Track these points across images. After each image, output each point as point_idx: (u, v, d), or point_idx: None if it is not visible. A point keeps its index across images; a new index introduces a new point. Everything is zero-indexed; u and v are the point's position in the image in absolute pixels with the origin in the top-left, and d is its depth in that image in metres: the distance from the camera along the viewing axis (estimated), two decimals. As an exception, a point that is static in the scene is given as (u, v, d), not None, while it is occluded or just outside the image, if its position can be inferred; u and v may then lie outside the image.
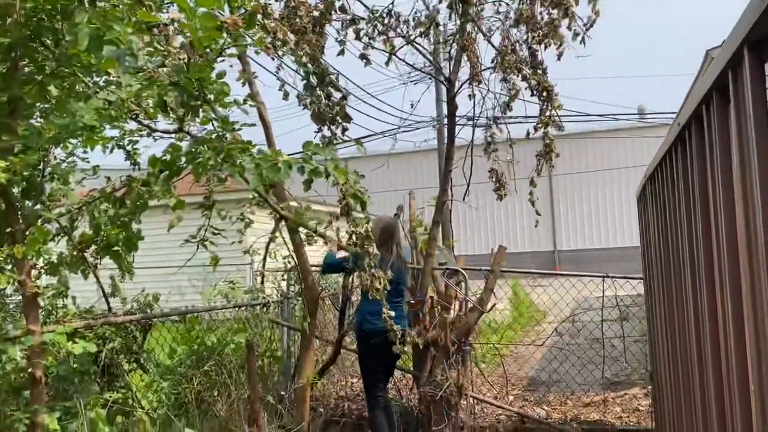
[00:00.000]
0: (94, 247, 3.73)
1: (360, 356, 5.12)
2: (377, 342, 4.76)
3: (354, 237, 3.99)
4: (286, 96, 5.00)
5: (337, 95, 4.79)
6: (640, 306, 5.71)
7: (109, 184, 3.92)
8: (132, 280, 4.13)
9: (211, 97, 3.01)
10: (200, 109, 3.05)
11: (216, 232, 4.72)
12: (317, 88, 4.59)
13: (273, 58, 4.32)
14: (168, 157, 3.22)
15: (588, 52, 4.71)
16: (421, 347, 5.56)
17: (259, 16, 3.74)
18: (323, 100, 4.65)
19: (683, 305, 2.74)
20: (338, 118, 4.75)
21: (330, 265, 5.16)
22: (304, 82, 4.55)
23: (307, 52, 4.25)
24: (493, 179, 5.86)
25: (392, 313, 4.24)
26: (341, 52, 5.45)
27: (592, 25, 4.64)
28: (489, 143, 5.78)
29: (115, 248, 3.41)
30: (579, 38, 4.66)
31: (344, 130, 4.89)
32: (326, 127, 4.82)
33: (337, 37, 5.35)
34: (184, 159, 3.18)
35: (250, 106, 3.72)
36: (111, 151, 4.11)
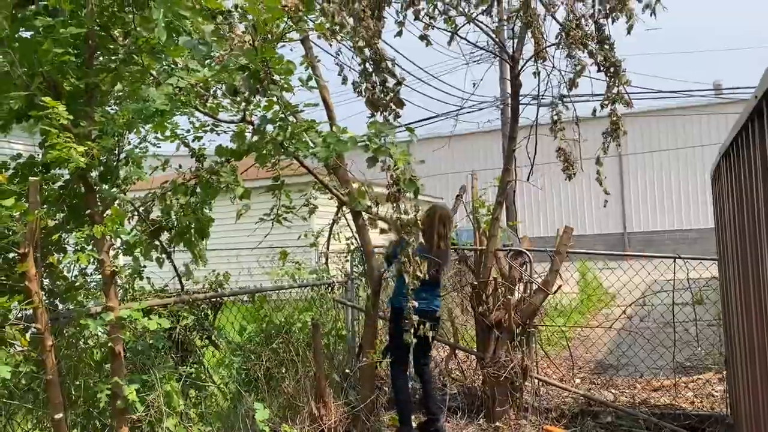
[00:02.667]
0: (167, 235, 3.90)
1: (390, 330, 5.27)
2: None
3: (399, 223, 4.00)
4: (344, 80, 5.03)
5: (392, 81, 4.78)
6: (714, 289, 5.49)
7: (180, 174, 4.06)
8: (204, 267, 4.31)
9: (278, 77, 3.07)
10: (267, 90, 3.11)
11: (288, 209, 4.82)
12: (373, 74, 4.60)
13: (330, 44, 4.34)
14: (234, 146, 3.32)
15: (658, 26, 4.52)
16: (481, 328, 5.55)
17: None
18: (378, 86, 4.65)
19: (761, 287, 2.62)
20: (391, 104, 4.74)
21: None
22: (360, 68, 4.57)
23: (363, 37, 4.26)
24: (561, 158, 5.73)
25: (416, 304, 4.27)
26: (399, 33, 5.43)
27: (661, -6, 4.44)
28: (555, 122, 5.65)
29: (187, 235, 3.54)
30: (649, 11, 4.47)
31: (396, 116, 4.87)
32: (379, 113, 4.82)
33: (397, 19, 5.33)
34: (248, 148, 3.27)
35: (312, 89, 3.76)
36: (178, 149, 4.22)
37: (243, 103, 3.40)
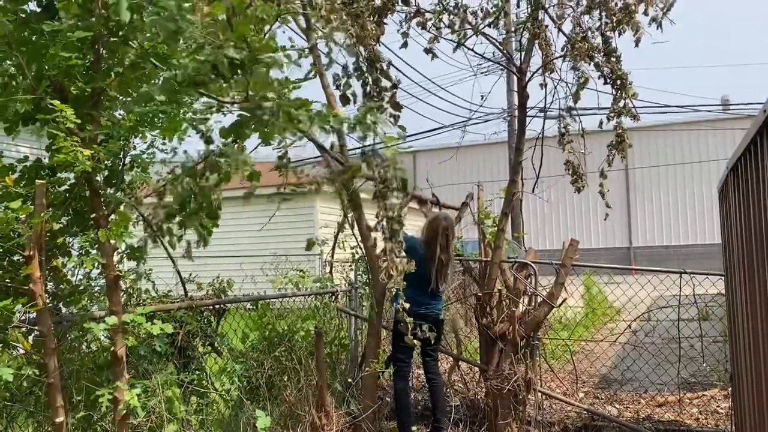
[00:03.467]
0: (178, 218, 3.80)
1: (393, 333, 5.37)
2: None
3: (386, 222, 3.88)
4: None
5: (387, 83, 4.74)
6: (720, 304, 5.45)
7: (190, 160, 4.01)
8: (212, 263, 4.25)
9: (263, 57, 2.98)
10: (249, 69, 3.01)
11: (295, 188, 4.63)
12: (366, 73, 4.56)
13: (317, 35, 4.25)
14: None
15: (665, 39, 4.52)
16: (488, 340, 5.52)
17: None
18: (370, 85, 4.61)
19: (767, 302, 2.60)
20: (386, 105, 4.69)
21: None
22: (353, 66, 4.53)
23: (352, 34, 4.20)
24: (570, 171, 5.72)
25: (407, 305, 4.26)
26: (404, 45, 5.43)
27: (669, 9, 4.44)
28: (563, 134, 5.64)
29: (198, 215, 3.43)
30: (655, 24, 4.47)
31: (396, 118, 4.83)
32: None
33: (400, 29, 5.33)
34: (253, 126, 3.20)
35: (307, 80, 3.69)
36: (185, 132, 4.17)
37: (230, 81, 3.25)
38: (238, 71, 3.09)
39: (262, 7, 3.11)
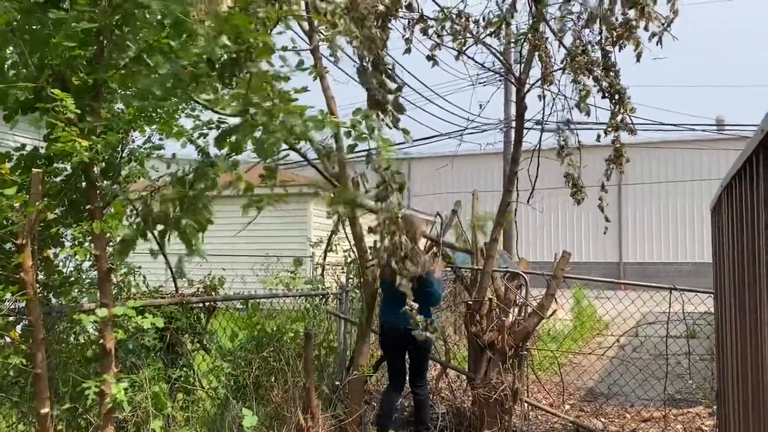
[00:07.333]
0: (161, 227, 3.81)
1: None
2: (383, 334, 5.25)
3: (386, 224, 3.79)
4: None
5: (392, 85, 4.74)
6: (708, 322, 5.48)
7: (181, 168, 4.03)
8: (203, 262, 4.22)
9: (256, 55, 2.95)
10: (244, 66, 2.98)
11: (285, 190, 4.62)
12: (372, 76, 4.56)
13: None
14: (234, 138, 3.24)
15: (665, 55, 4.56)
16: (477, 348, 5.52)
17: None
18: (375, 88, 4.61)
19: (757, 322, 2.61)
20: (389, 106, 4.68)
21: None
22: (358, 66, 4.53)
23: (357, 36, 4.19)
24: (569, 184, 5.75)
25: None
26: (407, 51, 5.45)
27: (670, 24, 4.48)
28: (562, 147, 5.67)
29: (183, 225, 3.43)
30: (656, 40, 4.52)
31: (396, 120, 4.82)
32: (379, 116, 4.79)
33: (404, 35, 5.35)
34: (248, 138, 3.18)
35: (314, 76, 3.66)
36: (184, 146, 4.17)
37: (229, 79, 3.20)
38: (235, 70, 3.05)
39: (264, 9, 3.10)
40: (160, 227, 3.21)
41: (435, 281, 5.09)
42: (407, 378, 5.38)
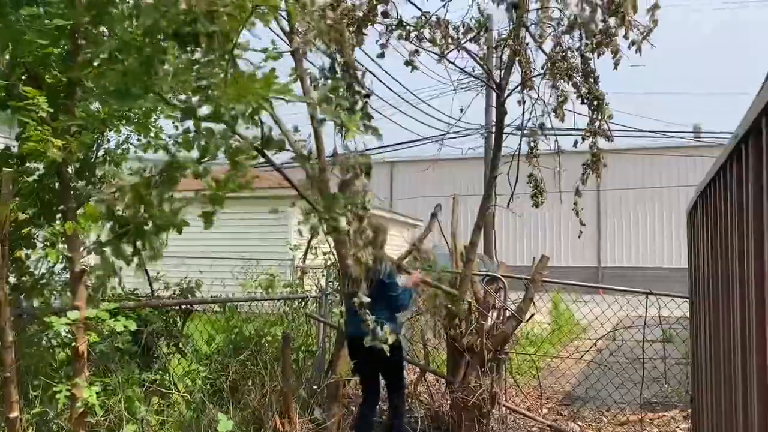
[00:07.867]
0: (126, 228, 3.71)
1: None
2: (349, 345, 4.97)
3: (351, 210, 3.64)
4: None
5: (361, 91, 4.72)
6: (684, 327, 5.54)
7: (148, 170, 3.94)
8: (180, 265, 4.18)
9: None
10: (204, 26, 2.84)
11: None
12: (339, 78, 4.53)
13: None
14: (203, 141, 3.13)
15: (643, 62, 4.61)
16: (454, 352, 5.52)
17: None
18: (343, 90, 4.58)
19: (730, 327, 2.64)
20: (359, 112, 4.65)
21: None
22: (329, 66, 4.50)
23: (329, 38, 4.13)
24: (531, 185, 5.78)
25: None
26: (381, 55, 5.44)
27: (649, 33, 4.53)
28: (531, 148, 5.71)
29: (145, 228, 3.32)
30: (635, 48, 4.56)
31: (366, 127, 4.78)
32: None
33: (378, 40, 5.34)
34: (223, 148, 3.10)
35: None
36: (156, 151, 4.08)
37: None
38: (195, 29, 2.82)
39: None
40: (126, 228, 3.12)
41: (401, 287, 4.96)
42: (382, 387, 5.25)
